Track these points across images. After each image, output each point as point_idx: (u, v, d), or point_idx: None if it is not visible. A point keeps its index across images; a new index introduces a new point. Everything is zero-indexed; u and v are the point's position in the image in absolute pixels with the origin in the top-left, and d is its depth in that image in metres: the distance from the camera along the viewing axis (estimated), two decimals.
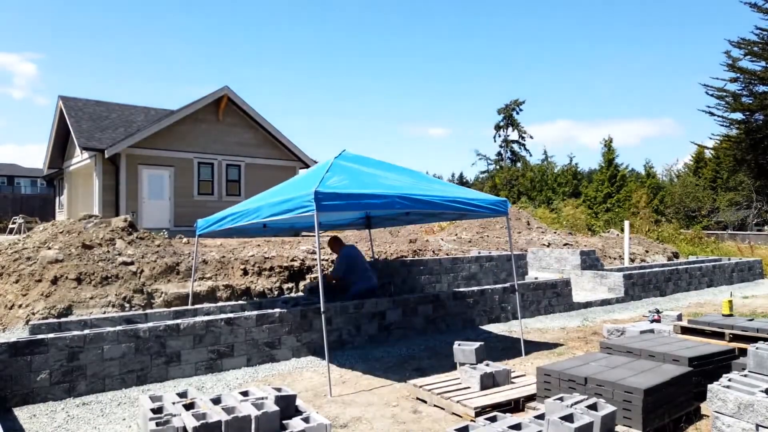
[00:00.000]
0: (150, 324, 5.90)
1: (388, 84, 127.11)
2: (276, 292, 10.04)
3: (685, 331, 6.72)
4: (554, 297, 9.92)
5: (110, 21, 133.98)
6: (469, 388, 5.05)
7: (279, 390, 4.10)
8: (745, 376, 4.24)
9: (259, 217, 6.26)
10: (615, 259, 17.18)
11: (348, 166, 6.54)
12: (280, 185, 7.47)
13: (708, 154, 40.74)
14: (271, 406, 3.80)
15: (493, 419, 3.82)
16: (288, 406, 3.98)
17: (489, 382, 5.10)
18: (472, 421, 4.46)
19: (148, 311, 7.65)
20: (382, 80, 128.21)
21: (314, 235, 15.88)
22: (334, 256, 9.20)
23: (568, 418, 3.65)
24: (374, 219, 9.74)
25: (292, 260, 11.24)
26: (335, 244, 8.52)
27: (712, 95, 33.14)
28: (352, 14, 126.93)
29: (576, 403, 3.90)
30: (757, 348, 4.55)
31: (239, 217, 6.82)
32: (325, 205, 5.31)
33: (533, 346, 7.30)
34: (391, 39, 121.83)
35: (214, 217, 7.66)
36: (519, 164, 60.42)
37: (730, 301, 7.08)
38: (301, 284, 10.34)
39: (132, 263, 9.29)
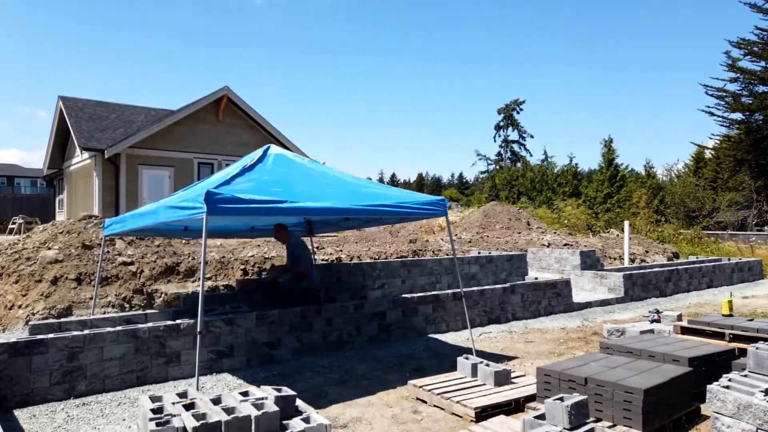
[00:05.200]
0: (150, 324, 5.90)
1: (388, 84, 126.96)
2: None
3: (685, 331, 6.73)
4: (554, 297, 9.92)
5: (109, 20, 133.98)
6: (469, 388, 5.05)
7: (279, 390, 4.10)
8: (745, 376, 4.24)
9: (156, 219, 5.80)
10: (615, 259, 17.18)
11: (266, 169, 6.23)
12: (192, 186, 7.13)
13: (708, 154, 40.73)
14: (271, 406, 3.80)
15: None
16: (288, 406, 3.98)
17: (489, 382, 5.10)
18: (472, 421, 4.46)
19: (148, 311, 7.66)
20: (381, 80, 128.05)
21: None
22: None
23: None
24: (315, 224, 9.20)
25: None
26: (284, 231, 7.79)
27: (712, 95, 33.17)
28: (353, 13, 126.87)
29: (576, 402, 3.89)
30: (757, 348, 4.55)
31: (139, 219, 6.44)
32: (219, 208, 4.87)
33: (532, 347, 7.31)
34: (390, 39, 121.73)
35: (119, 218, 7.35)
36: (519, 164, 60.43)
37: (730, 302, 7.08)
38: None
39: (132, 263, 9.29)
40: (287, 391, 4.08)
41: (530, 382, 5.18)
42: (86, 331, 5.45)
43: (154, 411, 3.84)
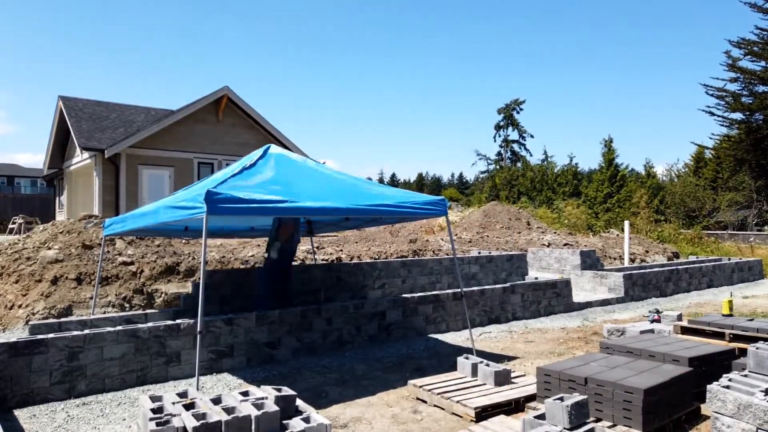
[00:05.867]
0: (150, 324, 5.90)
1: (388, 83, 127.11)
2: None
3: (685, 331, 6.73)
4: (554, 297, 9.92)
5: (110, 20, 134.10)
6: (469, 388, 5.05)
7: (279, 390, 4.10)
8: (745, 376, 4.24)
9: (156, 219, 5.79)
10: (615, 259, 17.17)
11: (266, 169, 6.22)
12: (191, 186, 7.13)
13: (708, 154, 40.72)
14: (271, 406, 3.80)
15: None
16: (288, 406, 3.98)
17: (489, 382, 5.10)
18: (472, 421, 4.46)
19: (148, 311, 7.65)
20: (381, 80, 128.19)
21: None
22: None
23: None
24: (315, 224, 9.17)
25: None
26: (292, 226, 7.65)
27: (712, 95, 33.16)
28: (353, 14, 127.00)
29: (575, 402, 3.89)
30: (757, 348, 4.55)
31: (139, 218, 6.42)
32: (219, 208, 4.85)
33: (532, 347, 7.31)
34: (390, 39, 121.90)
35: (119, 217, 7.33)
36: (519, 164, 60.41)
37: (730, 301, 7.08)
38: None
39: (132, 263, 9.29)
40: (287, 391, 4.08)
41: (530, 382, 5.19)
42: (86, 331, 5.46)
43: (154, 411, 3.84)
